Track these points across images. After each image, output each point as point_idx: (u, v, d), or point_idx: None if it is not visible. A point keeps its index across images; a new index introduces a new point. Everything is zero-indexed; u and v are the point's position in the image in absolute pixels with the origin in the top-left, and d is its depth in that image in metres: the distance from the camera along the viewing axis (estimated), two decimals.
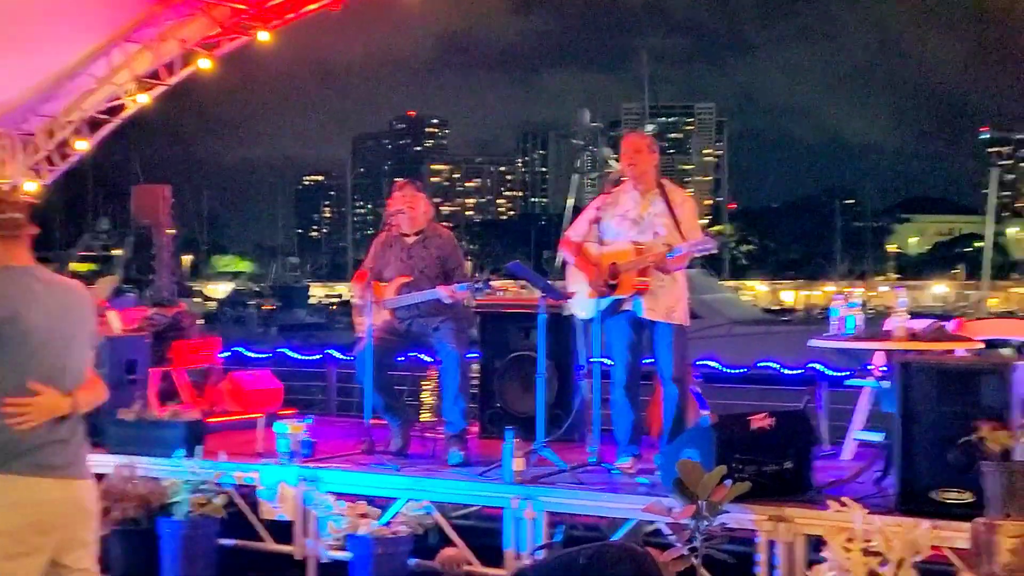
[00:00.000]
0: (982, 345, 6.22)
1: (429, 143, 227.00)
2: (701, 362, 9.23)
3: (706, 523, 5.62)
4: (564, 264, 7.14)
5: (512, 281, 7.28)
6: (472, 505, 7.02)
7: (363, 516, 6.51)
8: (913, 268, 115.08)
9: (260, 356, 10.27)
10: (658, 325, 6.74)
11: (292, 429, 7.02)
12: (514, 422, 8.16)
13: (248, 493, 7.03)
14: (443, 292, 7.09)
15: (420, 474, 6.78)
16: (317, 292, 77.20)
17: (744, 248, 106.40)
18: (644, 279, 6.63)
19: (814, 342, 6.55)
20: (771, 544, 5.74)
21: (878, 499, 5.85)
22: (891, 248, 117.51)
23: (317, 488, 6.78)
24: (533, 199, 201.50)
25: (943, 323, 6.25)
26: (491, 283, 7.02)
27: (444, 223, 8.21)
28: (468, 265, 7.92)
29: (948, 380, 5.56)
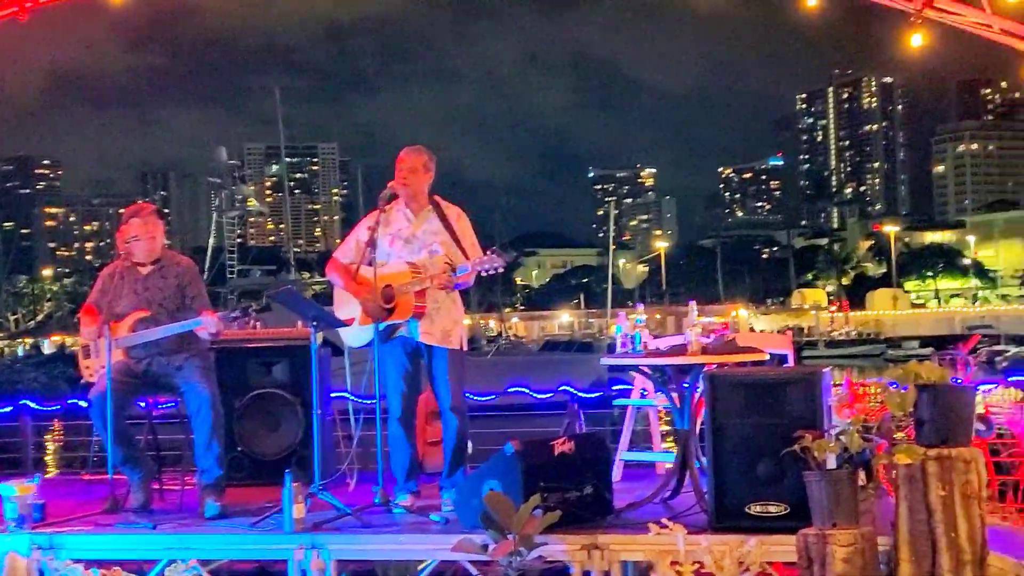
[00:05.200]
0: (767, 356, 6.26)
1: (41, 185, 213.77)
2: None
3: (520, 558, 5.31)
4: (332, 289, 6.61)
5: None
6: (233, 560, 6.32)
7: None
8: (537, 299, 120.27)
9: None
10: (435, 350, 6.36)
11: (20, 491, 6.06)
12: (259, 466, 7.55)
13: None
14: (210, 319, 6.35)
15: (181, 530, 6.02)
16: None
17: None
18: (422, 302, 6.23)
19: (606, 360, 6.37)
20: (586, 574, 5.48)
21: (683, 518, 5.72)
22: (518, 281, 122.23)
23: (56, 556, 5.87)
24: None
25: (731, 335, 6.23)
26: (252, 312, 6.36)
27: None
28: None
29: (756, 392, 5.51)
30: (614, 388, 8.25)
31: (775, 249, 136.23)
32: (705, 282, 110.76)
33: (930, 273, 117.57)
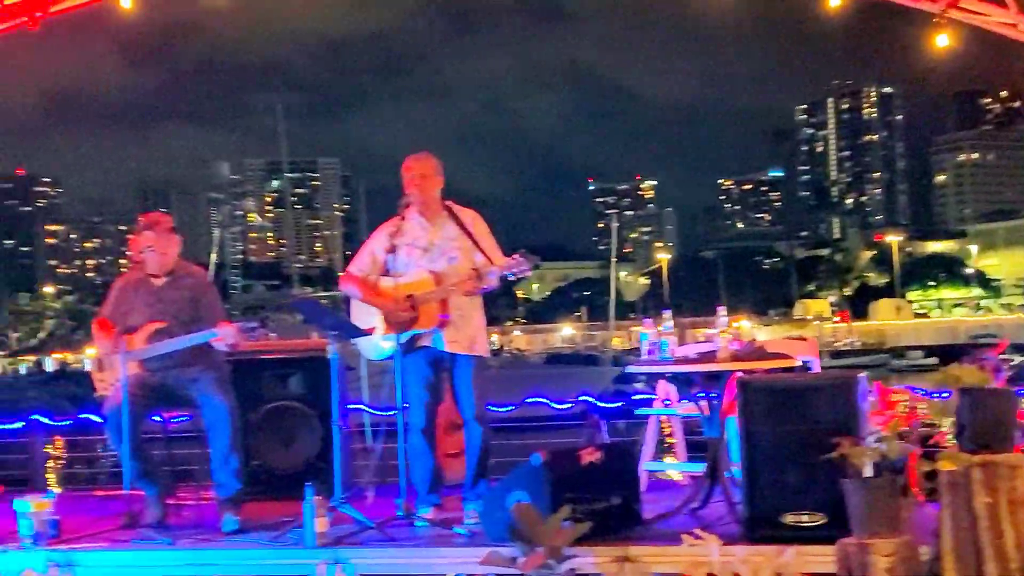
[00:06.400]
0: (799, 362, 6.13)
1: (41, 203, 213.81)
2: None
3: (550, 571, 5.17)
4: (347, 302, 6.48)
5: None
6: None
7: None
8: (539, 313, 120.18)
9: None
10: (459, 358, 6.23)
11: (36, 507, 5.93)
12: (274, 480, 7.42)
13: None
14: (228, 330, 6.22)
15: (200, 546, 5.89)
16: None
17: None
18: (446, 310, 6.11)
19: (632, 368, 6.25)
20: None
21: (714, 529, 5.58)
22: (519, 294, 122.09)
23: (73, 574, 5.74)
24: None
25: (760, 342, 6.11)
26: (269, 323, 6.23)
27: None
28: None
29: (790, 398, 5.38)
30: (633, 397, 8.13)
31: (776, 260, 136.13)
32: (707, 293, 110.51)
33: (932, 283, 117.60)
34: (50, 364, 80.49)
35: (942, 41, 8.09)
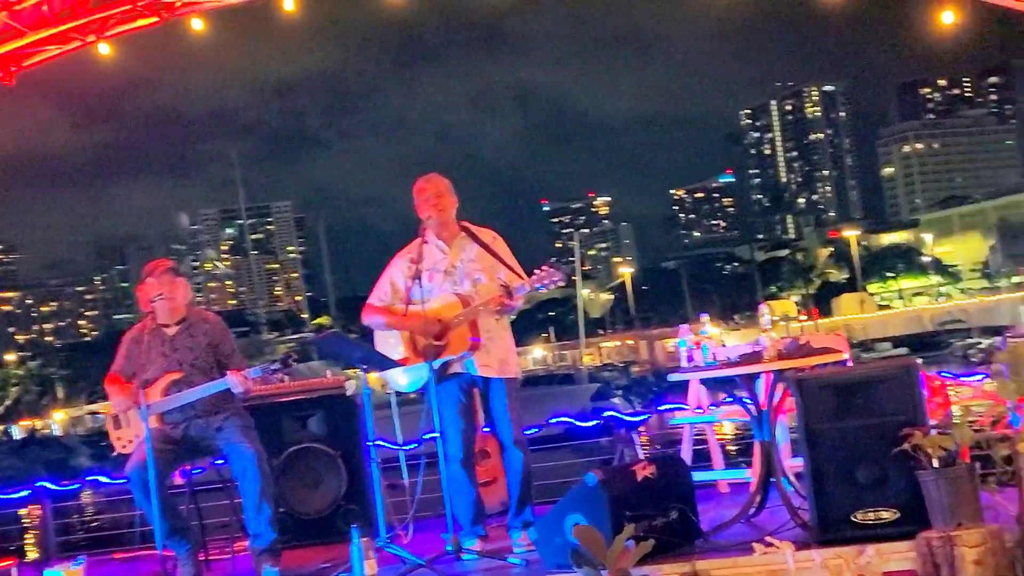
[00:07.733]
0: (846, 356, 5.96)
1: None
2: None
3: None
4: (370, 334, 6.25)
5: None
6: None
7: None
8: None
9: None
10: (492, 382, 6.01)
11: (68, 575, 5.65)
12: (303, 526, 7.17)
13: None
14: (234, 379, 5.99)
15: None
16: None
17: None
18: (476, 333, 5.88)
19: (675, 376, 6.05)
20: None
21: (779, 535, 5.38)
22: None
23: None
24: (116, 316, 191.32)
25: (804, 338, 5.93)
26: (291, 361, 5.99)
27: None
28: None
29: (849, 393, 5.20)
30: (660, 408, 7.94)
31: (737, 264, 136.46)
32: (672, 303, 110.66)
33: (891, 274, 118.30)
34: (17, 432, 79.21)
35: (947, 18, 7.93)
